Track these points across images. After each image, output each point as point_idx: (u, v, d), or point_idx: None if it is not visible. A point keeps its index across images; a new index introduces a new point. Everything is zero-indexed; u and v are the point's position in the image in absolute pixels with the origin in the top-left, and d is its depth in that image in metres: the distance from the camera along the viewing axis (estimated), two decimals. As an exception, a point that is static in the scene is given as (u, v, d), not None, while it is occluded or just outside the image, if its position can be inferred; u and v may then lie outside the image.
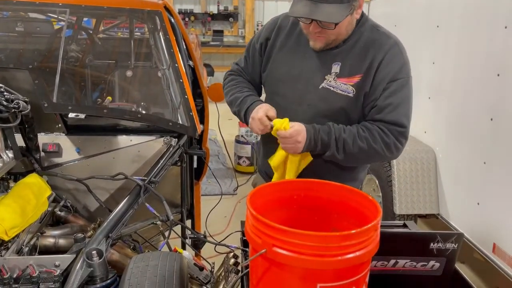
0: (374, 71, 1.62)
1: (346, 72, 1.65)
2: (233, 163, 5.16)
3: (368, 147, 1.61)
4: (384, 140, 1.61)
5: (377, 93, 1.62)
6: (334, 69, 1.66)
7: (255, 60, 1.87)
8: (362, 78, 1.63)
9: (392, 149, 1.63)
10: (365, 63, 1.63)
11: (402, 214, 3.07)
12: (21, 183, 1.84)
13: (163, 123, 2.15)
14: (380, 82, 1.61)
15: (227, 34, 9.48)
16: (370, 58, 1.62)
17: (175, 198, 2.36)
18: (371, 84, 1.63)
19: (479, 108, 2.60)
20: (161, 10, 2.38)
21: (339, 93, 1.65)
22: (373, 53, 1.62)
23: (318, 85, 1.67)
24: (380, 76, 1.61)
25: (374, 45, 1.64)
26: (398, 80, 1.61)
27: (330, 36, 1.60)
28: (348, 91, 1.64)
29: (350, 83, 1.64)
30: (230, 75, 1.96)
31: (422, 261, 1.42)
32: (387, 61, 1.61)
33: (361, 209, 1.23)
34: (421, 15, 3.33)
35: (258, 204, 1.17)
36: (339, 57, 1.66)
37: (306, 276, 1.04)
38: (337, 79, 1.65)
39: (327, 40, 1.62)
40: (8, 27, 2.85)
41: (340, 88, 1.65)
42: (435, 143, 3.12)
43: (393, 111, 1.61)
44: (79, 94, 2.73)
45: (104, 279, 1.46)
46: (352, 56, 1.65)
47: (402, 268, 1.43)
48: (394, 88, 1.61)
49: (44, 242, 1.75)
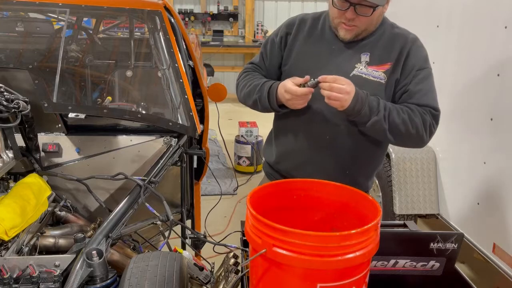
0: (404, 59, 1.68)
1: (376, 61, 1.69)
2: (233, 163, 5.16)
3: (410, 120, 1.62)
4: (423, 117, 1.64)
5: (408, 79, 1.67)
6: (363, 58, 1.70)
7: (274, 54, 1.85)
8: (393, 66, 1.68)
9: (428, 129, 1.65)
10: (394, 52, 1.69)
11: (402, 214, 3.07)
12: (21, 183, 1.83)
13: (163, 123, 2.15)
14: (411, 69, 1.67)
15: (227, 34, 9.48)
16: (398, 48, 1.69)
17: (175, 198, 2.36)
18: (401, 70, 1.68)
19: (479, 108, 2.60)
20: (161, 10, 2.38)
21: (371, 79, 1.68)
22: (400, 44, 1.70)
23: (349, 72, 1.69)
24: (410, 63, 1.67)
25: (400, 38, 1.72)
26: (425, 68, 1.69)
27: (361, 26, 1.64)
28: (380, 77, 1.68)
29: (381, 69, 1.68)
30: (244, 72, 1.92)
31: (422, 261, 1.42)
32: (415, 51, 1.69)
33: (361, 209, 1.23)
34: (421, 15, 3.33)
35: (258, 204, 1.17)
36: (367, 48, 1.70)
37: (306, 276, 1.04)
38: (368, 66, 1.69)
39: (357, 30, 1.65)
40: (8, 27, 2.85)
41: (372, 75, 1.68)
42: (435, 143, 3.12)
43: (425, 96, 1.67)
44: (79, 94, 2.72)
45: (104, 279, 1.45)
46: (380, 47, 1.70)
47: (402, 268, 1.43)
48: (423, 75, 1.67)
49: (44, 242, 1.75)
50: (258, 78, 1.83)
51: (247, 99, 1.83)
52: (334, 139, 1.75)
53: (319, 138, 1.77)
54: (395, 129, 1.63)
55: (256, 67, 1.91)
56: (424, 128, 1.64)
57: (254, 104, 1.81)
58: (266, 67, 1.88)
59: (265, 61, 1.89)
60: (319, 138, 1.77)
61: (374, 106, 1.59)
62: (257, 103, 1.77)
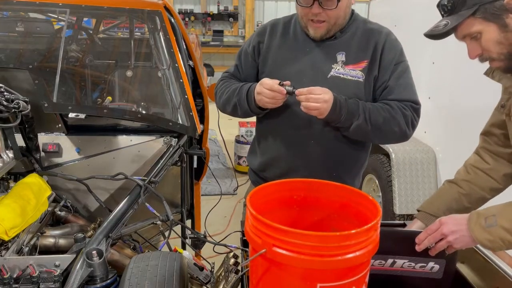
0: (380, 55, 1.67)
1: (352, 59, 1.68)
2: (233, 163, 5.16)
3: (391, 118, 1.63)
4: (403, 113, 1.65)
5: (387, 75, 1.67)
6: (339, 58, 1.69)
7: (248, 65, 1.84)
8: (369, 63, 1.67)
9: (410, 123, 1.66)
10: (369, 48, 1.68)
11: (402, 214, 3.07)
12: (21, 183, 1.83)
13: (163, 123, 2.15)
14: (388, 64, 1.67)
15: (227, 34, 9.49)
16: (373, 44, 1.68)
17: (175, 198, 2.36)
18: (378, 67, 1.67)
19: (479, 108, 2.59)
20: (161, 10, 2.38)
21: (350, 79, 1.67)
22: (374, 39, 1.69)
23: (327, 74, 1.68)
24: (387, 58, 1.67)
25: (373, 33, 1.71)
26: (402, 62, 1.69)
27: (330, 20, 1.62)
28: (358, 76, 1.67)
29: (358, 68, 1.68)
30: (221, 80, 1.92)
31: (421, 262, 1.41)
32: (389, 45, 1.68)
33: (361, 209, 1.23)
34: (421, 15, 3.33)
35: (258, 204, 1.17)
36: (341, 47, 1.69)
37: (306, 276, 1.04)
38: (345, 66, 1.68)
39: (327, 26, 1.64)
40: (8, 27, 2.85)
41: (350, 74, 1.67)
42: (435, 143, 3.12)
43: (404, 90, 1.67)
44: (79, 94, 2.72)
45: (104, 279, 1.45)
46: (354, 45, 1.69)
47: (401, 269, 1.42)
48: (401, 69, 1.68)
49: (44, 242, 1.75)
50: (236, 83, 1.82)
51: (226, 105, 1.81)
52: (318, 143, 1.74)
53: (303, 143, 1.75)
54: (378, 130, 1.64)
55: (232, 76, 1.90)
56: (406, 123, 1.66)
57: (234, 109, 1.78)
58: (242, 78, 1.86)
59: (240, 72, 1.87)
60: (303, 143, 1.75)
61: (354, 110, 1.60)
62: (236, 106, 1.76)
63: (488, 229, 1.22)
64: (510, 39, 1.15)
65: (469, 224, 1.25)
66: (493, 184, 1.50)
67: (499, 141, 1.48)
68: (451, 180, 1.55)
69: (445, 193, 1.53)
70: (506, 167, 1.48)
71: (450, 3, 1.18)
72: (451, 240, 1.27)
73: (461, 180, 1.52)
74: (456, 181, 1.53)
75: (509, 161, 1.48)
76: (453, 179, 1.55)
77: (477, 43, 1.21)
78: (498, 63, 1.21)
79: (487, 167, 1.50)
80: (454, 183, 1.53)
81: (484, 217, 1.24)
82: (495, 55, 1.19)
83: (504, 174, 1.49)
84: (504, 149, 1.47)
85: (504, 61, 1.20)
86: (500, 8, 1.10)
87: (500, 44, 1.16)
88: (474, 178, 1.51)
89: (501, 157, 1.48)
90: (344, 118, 1.60)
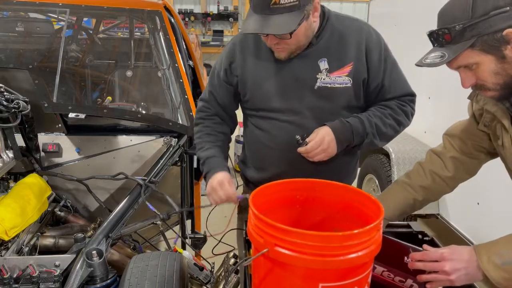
0: (364, 56, 1.61)
1: (335, 66, 1.60)
2: (233, 163, 5.15)
3: (395, 122, 1.64)
4: (403, 110, 1.66)
5: (380, 76, 1.63)
6: (322, 66, 1.60)
7: (222, 89, 1.74)
8: (354, 65, 1.60)
9: (409, 116, 1.69)
10: (351, 50, 1.60)
11: (402, 214, 3.07)
12: (21, 183, 1.83)
13: (163, 123, 2.15)
14: (377, 64, 1.61)
15: (227, 34, 9.49)
16: (354, 44, 1.60)
17: (175, 198, 2.35)
18: (367, 69, 1.61)
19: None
20: (161, 10, 2.38)
21: (337, 87, 1.61)
22: (354, 39, 1.61)
23: (313, 86, 1.61)
24: (374, 59, 1.61)
25: (351, 31, 1.62)
26: (387, 55, 1.65)
27: (291, 46, 1.54)
28: (346, 82, 1.61)
29: (344, 74, 1.60)
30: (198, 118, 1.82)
31: (399, 276, 1.32)
32: (372, 44, 1.61)
33: (363, 209, 1.22)
34: (421, 15, 3.33)
35: (261, 204, 1.16)
36: (321, 53, 1.60)
37: (308, 276, 1.04)
38: (330, 74, 1.60)
39: (289, 49, 1.55)
40: (8, 27, 2.84)
41: (337, 82, 1.60)
42: (435, 143, 3.11)
43: (400, 86, 1.66)
44: (79, 94, 2.73)
45: (104, 279, 1.45)
46: (334, 49, 1.61)
47: (381, 277, 1.35)
48: (390, 65, 1.65)
49: (44, 242, 1.75)
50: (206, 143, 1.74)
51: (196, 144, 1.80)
52: None
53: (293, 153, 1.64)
54: (386, 138, 1.67)
55: (208, 108, 1.79)
56: (406, 118, 1.68)
57: None
58: (218, 104, 1.77)
59: (217, 99, 1.76)
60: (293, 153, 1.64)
61: (360, 128, 1.59)
62: None
63: (504, 267, 1.15)
64: (508, 69, 1.12)
65: (481, 263, 1.17)
66: (446, 192, 1.49)
67: (466, 149, 1.44)
68: (406, 182, 1.49)
69: (401, 198, 1.48)
70: (464, 175, 1.47)
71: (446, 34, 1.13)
72: (453, 279, 1.19)
73: (418, 186, 1.47)
74: (412, 185, 1.48)
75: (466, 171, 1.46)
76: (409, 182, 1.48)
77: (471, 73, 1.17)
78: (492, 92, 1.18)
79: (447, 175, 1.46)
80: (410, 187, 1.48)
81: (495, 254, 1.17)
82: (490, 85, 1.16)
83: (460, 182, 1.48)
84: (468, 158, 1.44)
85: (500, 91, 1.17)
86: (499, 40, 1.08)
87: (497, 74, 1.13)
88: (431, 185, 1.47)
89: (462, 165, 1.45)
90: (355, 142, 1.61)
